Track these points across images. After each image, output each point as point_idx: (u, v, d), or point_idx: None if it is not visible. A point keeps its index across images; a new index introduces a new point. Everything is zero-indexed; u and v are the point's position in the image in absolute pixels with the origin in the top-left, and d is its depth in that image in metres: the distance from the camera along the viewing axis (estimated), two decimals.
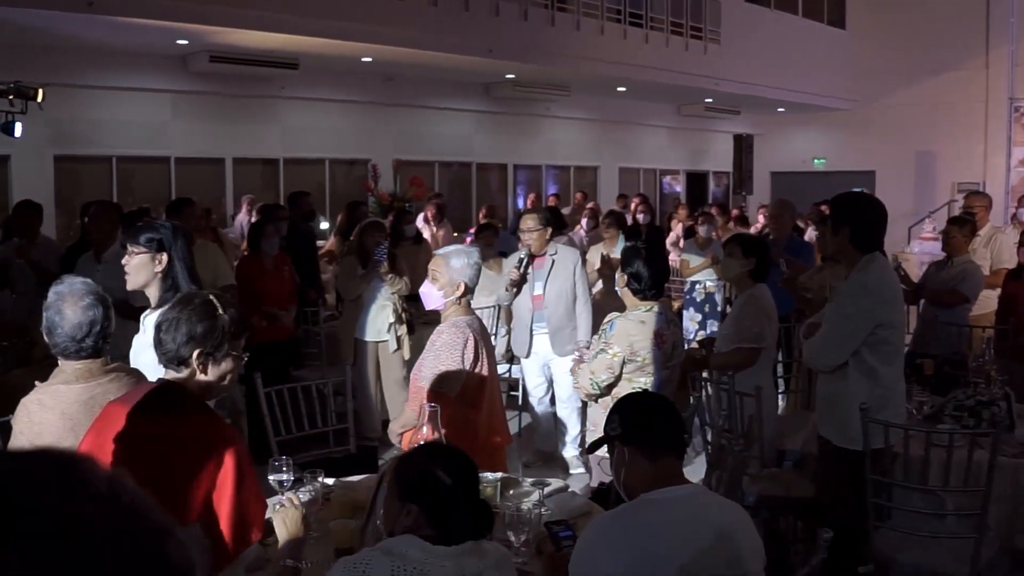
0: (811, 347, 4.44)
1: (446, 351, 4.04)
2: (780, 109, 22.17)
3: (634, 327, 4.58)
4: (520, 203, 17.76)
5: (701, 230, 10.70)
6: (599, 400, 4.65)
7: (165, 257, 3.74)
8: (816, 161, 23.28)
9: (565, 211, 13.66)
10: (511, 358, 8.03)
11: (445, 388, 4.02)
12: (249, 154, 15.45)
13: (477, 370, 4.08)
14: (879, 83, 21.50)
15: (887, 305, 4.23)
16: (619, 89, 18.66)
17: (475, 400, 4.09)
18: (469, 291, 4.18)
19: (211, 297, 2.79)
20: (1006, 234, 9.04)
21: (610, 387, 4.59)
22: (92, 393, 3.06)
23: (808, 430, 5.09)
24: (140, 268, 3.75)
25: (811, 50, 20.48)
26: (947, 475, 4.04)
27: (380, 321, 7.45)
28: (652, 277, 4.64)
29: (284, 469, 3.32)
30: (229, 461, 2.62)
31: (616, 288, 5.19)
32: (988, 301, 7.91)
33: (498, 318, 8.12)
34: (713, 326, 10.32)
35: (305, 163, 16.23)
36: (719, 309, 10.41)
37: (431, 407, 3.42)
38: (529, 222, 6.89)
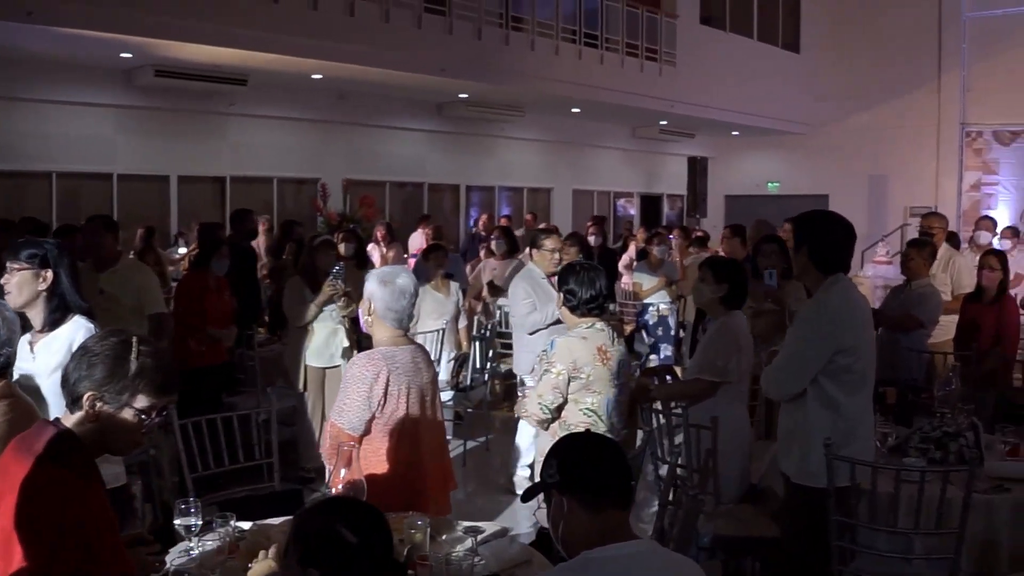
0: (767, 374, 4.17)
1: (352, 385, 3.71)
2: (734, 132, 22.18)
3: (575, 343, 4.38)
4: (472, 224, 17.49)
5: (655, 251, 10.42)
6: (548, 427, 4.41)
7: (50, 274, 3.45)
8: (770, 185, 23.28)
9: (518, 233, 13.39)
10: (456, 384, 7.76)
11: (347, 425, 3.69)
12: (195, 172, 15.05)
13: (391, 407, 3.73)
14: (833, 107, 21.59)
15: (848, 330, 3.91)
16: (573, 110, 18.52)
17: (396, 438, 3.74)
18: (392, 317, 3.84)
19: (133, 339, 2.46)
20: (964, 256, 8.92)
21: (559, 408, 4.39)
22: None
23: (766, 462, 4.83)
24: (22, 286, 3.46)
25: (766, 73, 20.44)
26: (917, 515, 3.78)
27: (333, 346, 7.13)
28: (587, 293, 4.43)
29: (192, 512, 3.00)
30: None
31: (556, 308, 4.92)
32: (950, 326, 7.75)
33: (442, 343, 7.82)
34: (667, 350, 10.09)
35: (253, 181, 15.87)
36: (672, 332, 10.18)
37: (348, 447, 3.09)
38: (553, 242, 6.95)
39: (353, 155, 16.83)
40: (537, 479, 2.66)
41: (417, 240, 14.70)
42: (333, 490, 3.04)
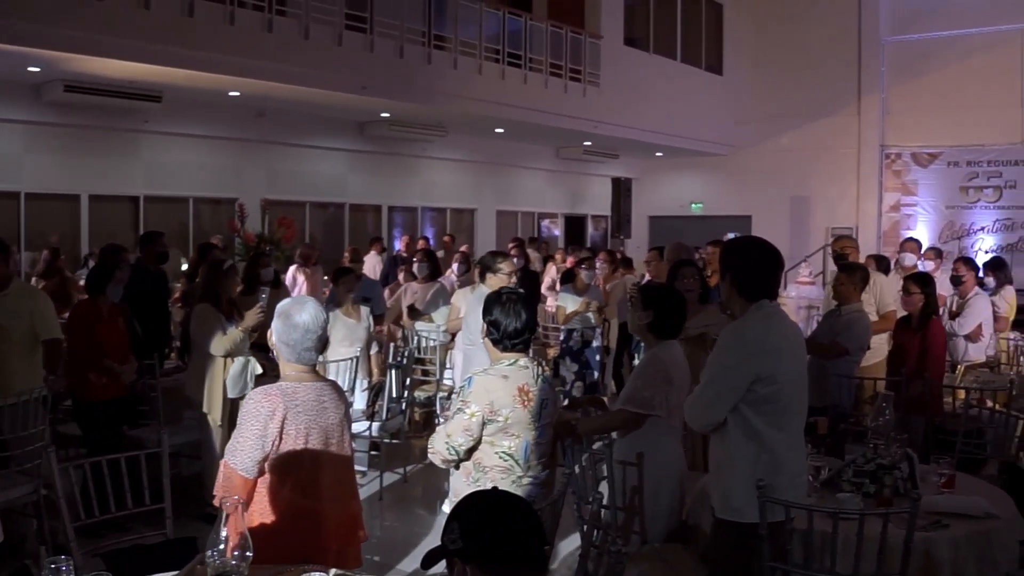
0: (687, 404, 3.97)
1: (246, 421, 3.42)
2: (658, 153, 22.21)
3: (494, 383, 3.97)
4: (396, 246, 17.19)
5: (583, 275, 10.16)
6: (459, 466, 4.07)
7: None
8: (693, 205, 23.35)
9: (439, 255, 13.14)
10: (372, 415, 7.46)
11: (239, 466, 3.40)
12: (107, 191, 14.60)
13: (288, 448, 3.43)
14: (755, 129, 21.79)
15: (767, 358, 3.70)
16: (497, 130, 18.35)
17: (293, 483, 3.46)
18: (287, 352, 3.54)
19: None
20: (887, 276, 8.86)
21: (470, 451, 4.01)
22: None
23: (693, 496, 4.61)
24: None
25: (689, 95, 20.54)
26: (857, 560, 3.57)
27: (247, 375, 6.76)
28: (512, 325, 4.06)
29: (63, 570, 2.62)
30: None
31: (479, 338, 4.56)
32: (881, 348, 7.66)
33: (356, 372, 7.51)
34: (592, 376, 9.87)
35: (168, 201, 15.43)
36: (597, 358, 9.96)
37: (230, 503, 2.77)
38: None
39: (273, 175, 16.50)
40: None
41: (371, 262, 14.45)
42: (221, 546, 2.73)
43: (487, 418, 3.93)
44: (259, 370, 6.79)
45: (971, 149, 19.91)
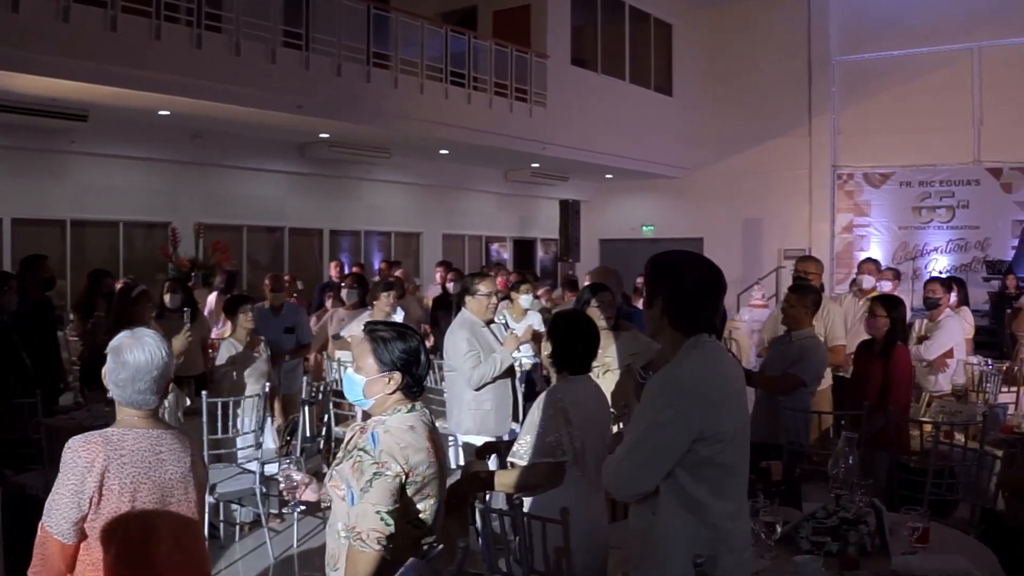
0: (606, 467, 3.20)
1: (62, 475, 2.90)
2: (608, 176, 21.82)
3: (405, 436, 3.18)
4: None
5: (522, 300, 9.48)
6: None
7: None
8: (645, 228, 22.96)
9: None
10: (286, 453, 6.87)
11: (54, 529, 2.87)
12: (31, 214, 13.88)
13: (110, 507, 2.90)
14: (706, 151, 21.51)
15: (711, 410, 2.97)
16: (442, 152, 17.86)
17: (118, 551, 2.91)
18: (116, 392, 3.03)
19: None
20: (840, 304, 8.39)
21: None
22: None
23: (617, 560, 3.90)
24: None
25: (639, 116, 20.16)
26: None
27: (177, 408, 6.24)
28: (426, 371, 3.33)
29: None
30: None
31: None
32: (825, 377, 7.19)
33: (264, 409, 6.90)
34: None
35: (97, 225, 14.75)
36: (537, 389, 9.31)
37: None
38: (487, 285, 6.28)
39: (209, 198, 15.86)
40: None
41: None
42: None
43: (407, 480, 3.16)
44: (188, 402, 6.44)
45: (923, 169, 19.72)
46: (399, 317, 7.90)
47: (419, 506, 3.20)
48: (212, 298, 11.60)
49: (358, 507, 3.09)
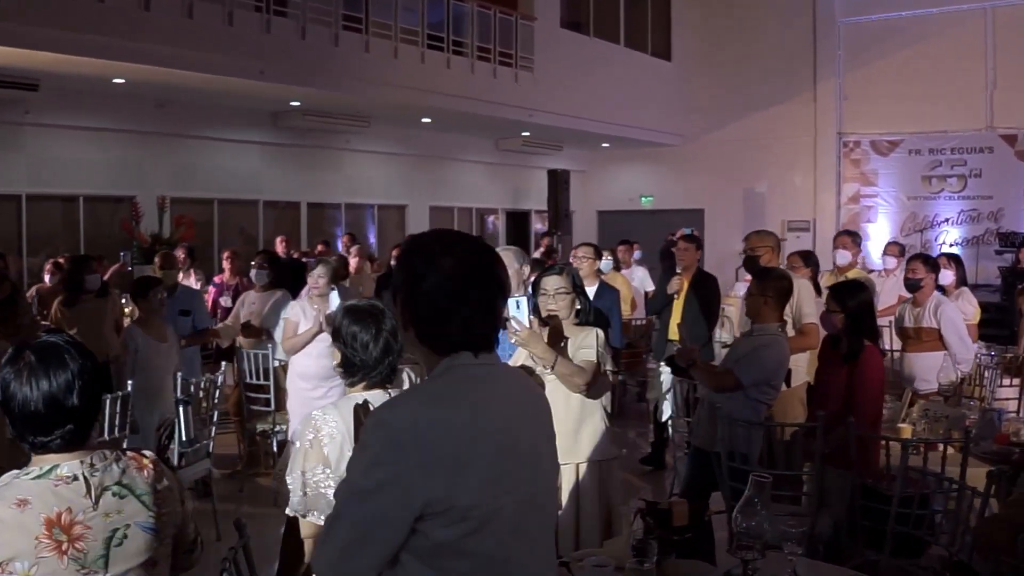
0: (315, 558, 2.27)
1: None
2: (604, 144, 20.93)
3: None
4: (338, 245, 15.83)
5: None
6: None
7: None
8: (643, 199, 22.08)
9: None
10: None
11: None
12: None
13: None
14: (707, 118, 20.62)
15: (443, 471, 1.96)
16: (424, 120, 17.00)
17: None
18: None
19: None
20: (806, 282, 7.37)
21: None
22: None
23: None
24: None
25: (635, 82, 19.25)
26: None
27: None
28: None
29: None
30: None
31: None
32: (799, 370, 6.36)
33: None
34: None
35: (54, 200, 14.05)
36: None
37: None
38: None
39: (177, 170, 15.04)
40: None
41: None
42: None
43: None
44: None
45: (933, 136, 18.78)
46: (334, 300, 7.07)
47: None
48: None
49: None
